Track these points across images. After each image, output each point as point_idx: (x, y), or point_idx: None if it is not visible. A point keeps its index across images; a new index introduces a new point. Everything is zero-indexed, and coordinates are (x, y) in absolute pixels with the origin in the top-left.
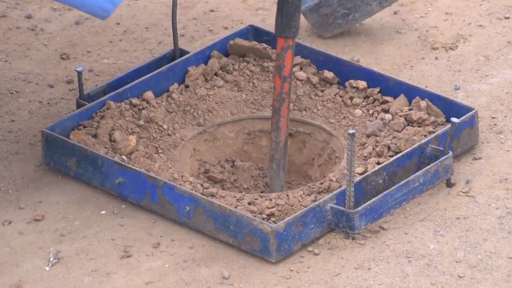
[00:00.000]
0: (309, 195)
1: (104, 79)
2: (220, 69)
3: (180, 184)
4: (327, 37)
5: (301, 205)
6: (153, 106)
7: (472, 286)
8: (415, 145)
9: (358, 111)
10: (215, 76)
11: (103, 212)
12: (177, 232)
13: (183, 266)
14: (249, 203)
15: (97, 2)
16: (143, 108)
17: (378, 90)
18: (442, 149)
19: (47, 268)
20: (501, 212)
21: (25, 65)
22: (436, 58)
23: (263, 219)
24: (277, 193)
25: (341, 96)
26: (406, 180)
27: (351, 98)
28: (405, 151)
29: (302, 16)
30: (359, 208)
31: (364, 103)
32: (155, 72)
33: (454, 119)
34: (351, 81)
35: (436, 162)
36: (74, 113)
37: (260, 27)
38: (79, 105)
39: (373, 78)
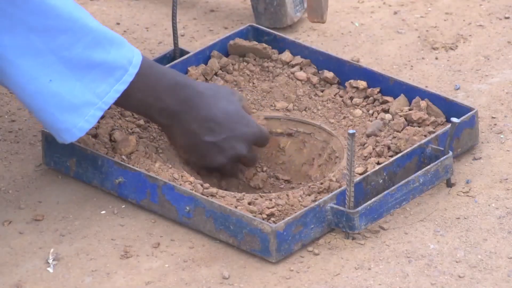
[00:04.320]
0: (309, 195)
1: None
2: (220, 69)
3: (180, 184)
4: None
5: (301, 205)
6: None
7: (472, 286)
8: (415, 145)
9: (358, 111)
10: (215, 76)
11: (103, 212)
12: (177, 232)
13: (183, 266)
14: (249, 203)
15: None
16: None
17: (378, 90)
18: (442, 149)
19: (51, 270)
20: (501, 212)
21: None
22: (436, 58)
23: (263, 219)
24: (277, 193)
25: (341, 96)
26: (406, 180)
27: (351, 98)
28: (405, 151)
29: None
30: (359, 208)
31: (364, 103)
32: None
33: (454, 119)
34: (351, 81)
35: (436, 162)
36: None
37: (260, 27)
38: None
39: (373, 78)
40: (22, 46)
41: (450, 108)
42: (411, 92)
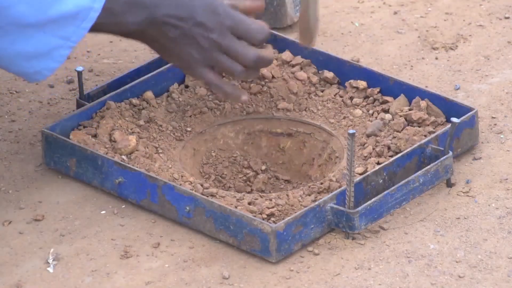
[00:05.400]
0: (309, 195)
1: (104, 79)
2: None
3: (180, 184)
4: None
5: (301, 205)
6: (153, 106)
7: (472, 286)
8: (415, 145)
9: (358, 111)
10: None
11: (103, 212)
12: (177, 232)
13: (183, 266)
14: (249, 203)
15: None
16: (143, 108)
17: (378, 90)
18: (442, 149)
19: (51, 270)
20: (501, 212)
21: None
22: (436, 58)
23: (263, 219)
24: (277, 193)
25: (341, 96)
26: (406, 180)
27: (351, 98)
28: (405, 151)
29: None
30: (359, 208)
31: (364, 103)
32: (155, 72)
33: (454, 119)
34: (351, 81)
35: (436, 162)
36: (74, 113)
37: None
38: (79, 105)
39: (373, 78)
40: None
41: (450, 108)
42: (411, 92)
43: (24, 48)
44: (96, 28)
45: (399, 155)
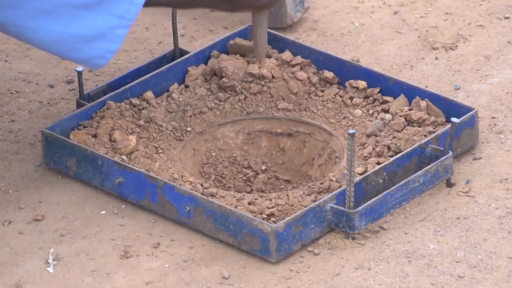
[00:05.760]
0: (309, 195)
1: (104, 79)
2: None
3: (180, 184)
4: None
5: (301, 205)
6: (153, 106)
7: (472, 286)
8: (415, 145)
9: (358, 111)
10: (215, 76)
11: (103, 212)
12: (177, 232)
13: (183, 266)
14: (249, 203)
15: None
16: (143, 108)
17: (378, 90)
18: (442, 149)
19: (51, 270)
20: (501, 212)
21: (25, 65)
22: (436, 58)
23: (263, 219)
24: (277, 193)
25: (341, 96)
26: (406, 180)
27: (351, 98)
28: (405, 151)
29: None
30: (359, 208)
31: (364, 103)
32: (155, 72)
33: (454, 119)
34: (351, 81)
35: (436, 162)
36: (74, 113)
37: None
38: (79, 105)
39: (373, 78)
40: (28, 12)
41: (450, 108)
42: (411, 92)
43: (79, 31)
44: (151, 2)
45: (399, 155)
